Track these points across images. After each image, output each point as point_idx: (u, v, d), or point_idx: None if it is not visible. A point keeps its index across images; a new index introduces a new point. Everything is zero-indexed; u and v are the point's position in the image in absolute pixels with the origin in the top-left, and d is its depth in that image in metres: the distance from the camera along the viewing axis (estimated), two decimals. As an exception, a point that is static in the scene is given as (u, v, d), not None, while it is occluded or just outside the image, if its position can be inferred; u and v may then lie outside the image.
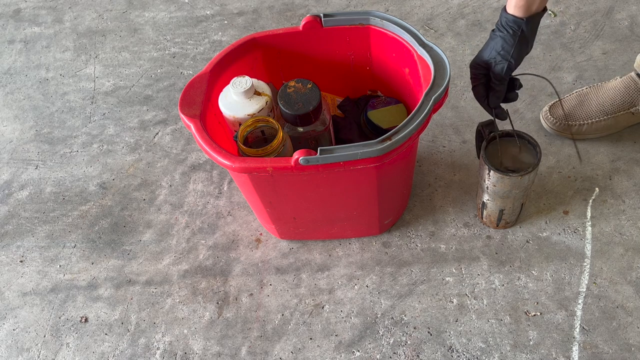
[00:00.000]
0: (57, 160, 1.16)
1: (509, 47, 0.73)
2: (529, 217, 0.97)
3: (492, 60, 0.75)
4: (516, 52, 0.74)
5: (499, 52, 0.74)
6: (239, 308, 0.93)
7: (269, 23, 1.36)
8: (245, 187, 0.84)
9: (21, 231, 1.06)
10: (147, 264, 0.99)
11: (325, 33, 0.87)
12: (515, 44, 0.73)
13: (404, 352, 0.86)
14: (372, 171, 0.77)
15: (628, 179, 1.00)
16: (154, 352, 0.90)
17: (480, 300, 0.90)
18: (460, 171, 1.04)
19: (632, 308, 0.86)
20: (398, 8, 1.34)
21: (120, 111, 1.23)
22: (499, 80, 0.76)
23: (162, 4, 1.45)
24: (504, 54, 0.74)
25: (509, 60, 0.74)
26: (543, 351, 0.84)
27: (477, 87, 0.79)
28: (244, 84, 0.81)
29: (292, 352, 0.88)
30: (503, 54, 0.74)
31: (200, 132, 0.76)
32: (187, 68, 1.30)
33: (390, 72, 0.92)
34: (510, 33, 0.73)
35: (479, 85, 0.79)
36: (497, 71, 0.75)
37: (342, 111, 0.99)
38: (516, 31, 0.73)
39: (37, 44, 1.40)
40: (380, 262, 0.95)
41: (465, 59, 1.21)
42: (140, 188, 1.10)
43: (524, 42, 0.74)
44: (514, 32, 0.73)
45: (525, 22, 0.72)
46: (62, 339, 0.93)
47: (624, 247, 0.92)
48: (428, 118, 0.73)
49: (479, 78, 0.78)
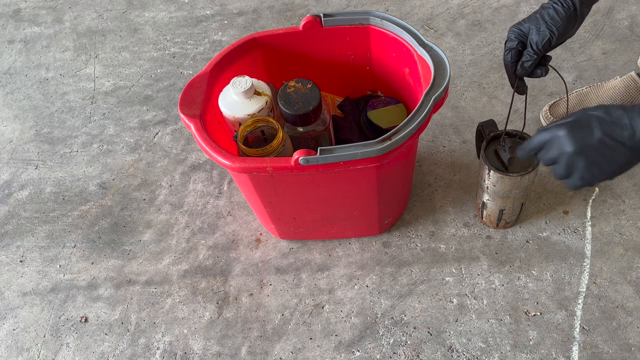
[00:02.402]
0: (57, 160, 1.16)
1: (558, 19, 0.70)
2: (529, 217, 0.97)
3: (535, 27, 0.72)
4: (562, 27, 0.71)
5: (546, 21, 0.71)
6: (239, 308, 0.93)
7: (269, 23, 1.36)
8: (245, 187, 0.84)
9: (21, 231, 1.06)
10: (147, 264, 0.99)
11: (325, 33, 0.87)
12: (564, 18, 0.70)
13: (404, 352, 0.86)
14: (372, 171, 0.77)
15: (628, 179, 1.00)
16: (153, 352, 0.90)
17: (480, 300, 0.90)
18: (460, 171, 1.04)
19: (632, 308, 0.86)
20: (398, 8, 1.34)
21: (120, 111, 1.23)
22: (534, 50, 0.72)
23: (162, 4, 1.45)
24: (549, 25, 0.71)
25: (553, 32, 0.71)
26: (543, 351, 0.84)
27: (510, 52, 0.75)
28: (244, 84, 0.81)
29: (292, 352, 0.88)
30: (549, 25, 0.71)
31: (200, 132, 0.76)
32: (187, 68, 1.30)
33: (390, 72, 0.92)
34: (565, 7, 0.70)
35: (512, 50, 0.74)
36: (535, 39, 0.72)
37: (342, 111, 0.99)
38: (570, 6, 0.70)
39: (37, 44, 1.40)
40: (380, 262, 0.95)
41: (465, 59, 1.21)
42: (140, 188, 1.10)
43: (573, 20, 0.71)
44: (568, 7, 0.70)
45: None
46: (62, 339, 0.93)
47: (624, 247, 0.92)
48: (428, 118, 0.73)
49: (514, 42, 0.74)
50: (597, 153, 0.61)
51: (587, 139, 0.61)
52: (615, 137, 0.60)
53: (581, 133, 0.62)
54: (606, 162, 0.62)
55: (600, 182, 0.64)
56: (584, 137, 0.62)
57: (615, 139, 0.60)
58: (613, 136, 0.60)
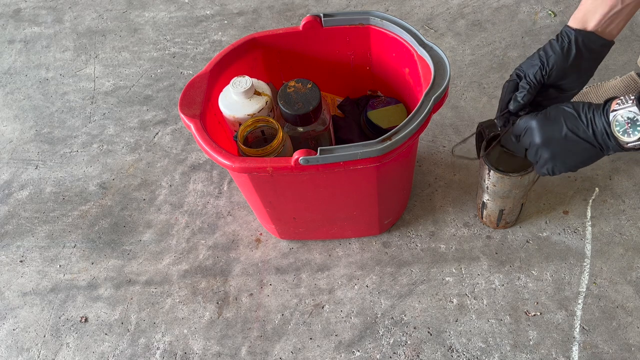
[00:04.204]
0: (57, 160, 1.16)
1: (551, 51, 0.70)
2: (529, 217, 0.97)
3: (529, 61, 0.72)
4: (554, 59, 0.70)
5: (540, 55, 0.71)
6: (239, 308, 0.93)
7: (269, 23, 1.36)
8: (245, 187, 0.84)
9: (21, 231, 1.06)
10: (147, 264, 0.99)
11: (325, 33, 0.87)
12: (557, 52, 0.70)
13: (404, 352, 0.86)
14: (372, 171, 0.77)
15: (628, 179, 1.00)
16: (153, 352, 0.90)
17: (480, 300, 0.90)
18: (460, 171, 1.04)
19: (632, 308, 0.86)
20: (398, 8, 1.34)
21: (120, 111, 1.23)
22: (527, 81, 0.72)
23: (162, 4, 1.45)
24: (542, 57, 0.71)
25: (543, 63, 0.70)
26: (543, 351, 0.84)
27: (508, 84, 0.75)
28: (244, 84, 0.81)
29: (292, 352, 0.88)
30: (541, 57, 0.71)
31: (200, 132, 0.76)
32: (187, 68, 1.30)
33: (390, 72, 0.92)
34: (560, 40, 0.70)
35: (510, 82, 0.74)
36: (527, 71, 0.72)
37: (342, 111, 0.99)
38: (564, 39, 0.70)
39: (37, 44, 1.40)
40: (380, 262, 0.95)
41: (465, 59, 1.21)
42: (140, 188, 1.10)
43: (569, 54, 0.70)
44: (562, 41, 0.70)
45: (575, 33, 0.69)
46: (62, 339, 0.93)
47: (624, 247, 0.92)
48: (428, 118, 0.73)
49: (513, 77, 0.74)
50: (561, 147, 0.68)
51: (553, 133, 0.67)
52: (578, 134, 0.65)
53: (549, 126, 0.68)
54: (569, 156, 0.68)
55: (563, 172, 0.70)
56: (551, 131, 0.68)
57: (578, 135, 0.65)
58: (577, 132, 0.65)
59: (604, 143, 0.64)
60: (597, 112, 0.64)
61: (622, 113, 0.62)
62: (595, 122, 0.64)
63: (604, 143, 0.64)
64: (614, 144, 0.63)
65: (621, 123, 0.62)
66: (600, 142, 0.64)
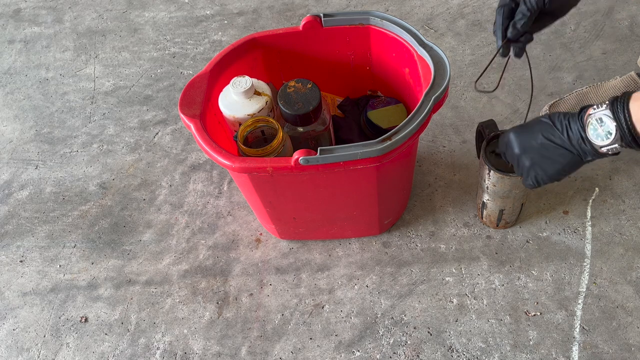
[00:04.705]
0: (57, 160, 1.16)
1: None
2: (529, 217, 0.97)
3: None
4: None
5: None
6: (239, 308, 0.93)
7: (269, 23, 1.36)
8: (245, 187, 0.84)
9: (21, 231, 1.06)
10: (147, 264, 0.99)
11: (325, 33, 0.87)
12: None
13: (404, 352, 0.86)
14: (372, 171, 0.77)
15: (628, 179, 1.00)
16: (153, 352, 0.90)
17: (480, 300, 0.90)
18: (460, 171, 1.04)
19: (632, 308, 0.86)
20: (398, 8, 1.34)
21: (120, 111, 1.23)
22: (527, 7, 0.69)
23: (162, 4, 1.45)
24: None
25: None
26: (543, 351, 0.84)
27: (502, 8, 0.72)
28: (244, 84, 0.81)
29: (292, 352, 0.88)
30: None
31: (200, 132, 0.76)
32: (187, 68, 1.30)
33: (390, 72, 0.92)
34: None
35: (504, 7, 0.72)
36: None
37: (342, 111, 0.99)
38: None
39: (37, 44, 1.40)
40: (380, 262, 0.95)
41: (465, 59, 1.21)
42: (140, 188, 1.10)
43: None
44: None
45: None
46: (62, 339, 0.93)
47: (624, 247, 0.92)
48: (428, 118, 0.73)
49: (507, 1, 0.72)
50: (539, 155, 0.68)
51: (530, 141, 0.69)
52: (554, 140, 0.66)
53: (525, 135, 0.69)
54: (548, 163, 0.68)
55: (547, 182, 0.71)
56: (527, 139, 0.69)
57: (554, 142, 0.66)
58: (552, 139, 0.66)
59: (580, 148, 0.64)
60: (572, 118, 0.65)
61: (597, 116, 0.62)
62: (571, 127, 0.64)
63: (580, 148, 0.64)
64: (589, 148, 0.63)
65: (595, 126, 0.62)
66: (577, 147, 0.65)
